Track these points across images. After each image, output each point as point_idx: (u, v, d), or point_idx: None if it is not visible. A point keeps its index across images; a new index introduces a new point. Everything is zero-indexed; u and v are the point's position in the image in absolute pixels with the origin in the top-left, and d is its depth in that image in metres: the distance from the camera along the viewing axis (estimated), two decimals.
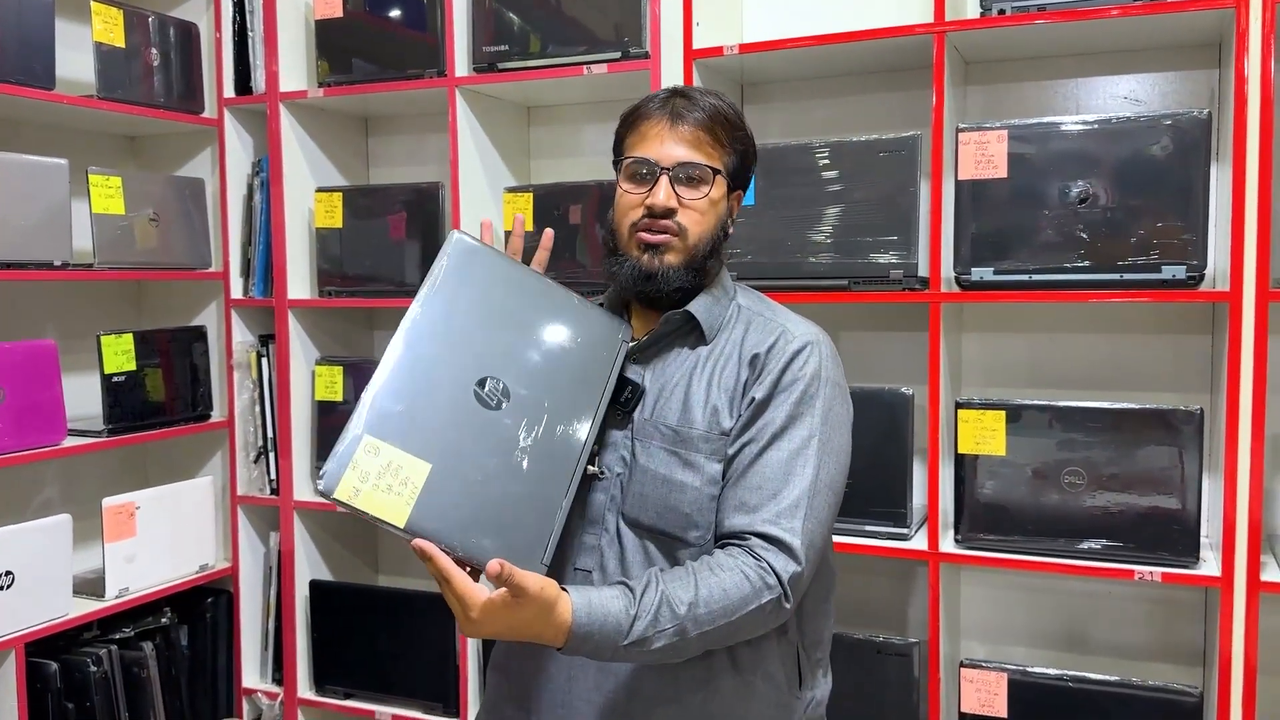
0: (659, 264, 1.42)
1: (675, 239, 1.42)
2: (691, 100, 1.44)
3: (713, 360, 1.44)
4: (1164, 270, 1.95)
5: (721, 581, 1.29)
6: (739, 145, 1.46)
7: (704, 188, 1.42)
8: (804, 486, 1.34)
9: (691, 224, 1.42)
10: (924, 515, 2.24)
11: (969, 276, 2.07)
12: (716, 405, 1.40)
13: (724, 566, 1.30)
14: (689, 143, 1.42)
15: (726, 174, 1.45)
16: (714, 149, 1.44)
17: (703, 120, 1.42)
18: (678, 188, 1.41)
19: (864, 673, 2.21)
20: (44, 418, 2.39)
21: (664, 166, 1.41)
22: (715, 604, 1.27)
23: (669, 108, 1.43)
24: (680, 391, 1.42)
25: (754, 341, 1.43)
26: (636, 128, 1.46)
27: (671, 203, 1.41)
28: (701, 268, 1.45)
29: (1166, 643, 2.28)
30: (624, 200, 1.45)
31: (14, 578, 2.27)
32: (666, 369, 1.45)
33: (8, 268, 2.30)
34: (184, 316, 2.93)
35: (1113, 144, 1.97)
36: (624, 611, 1.25)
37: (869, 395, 2.19)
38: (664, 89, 1.48)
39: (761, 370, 1.40)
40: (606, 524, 1.42)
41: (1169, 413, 1.97)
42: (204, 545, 2.76)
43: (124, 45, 2.58)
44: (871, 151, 2.13)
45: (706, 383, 1.42)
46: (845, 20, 2.35)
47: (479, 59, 2.48)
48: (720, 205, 1.46)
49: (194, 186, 2.79)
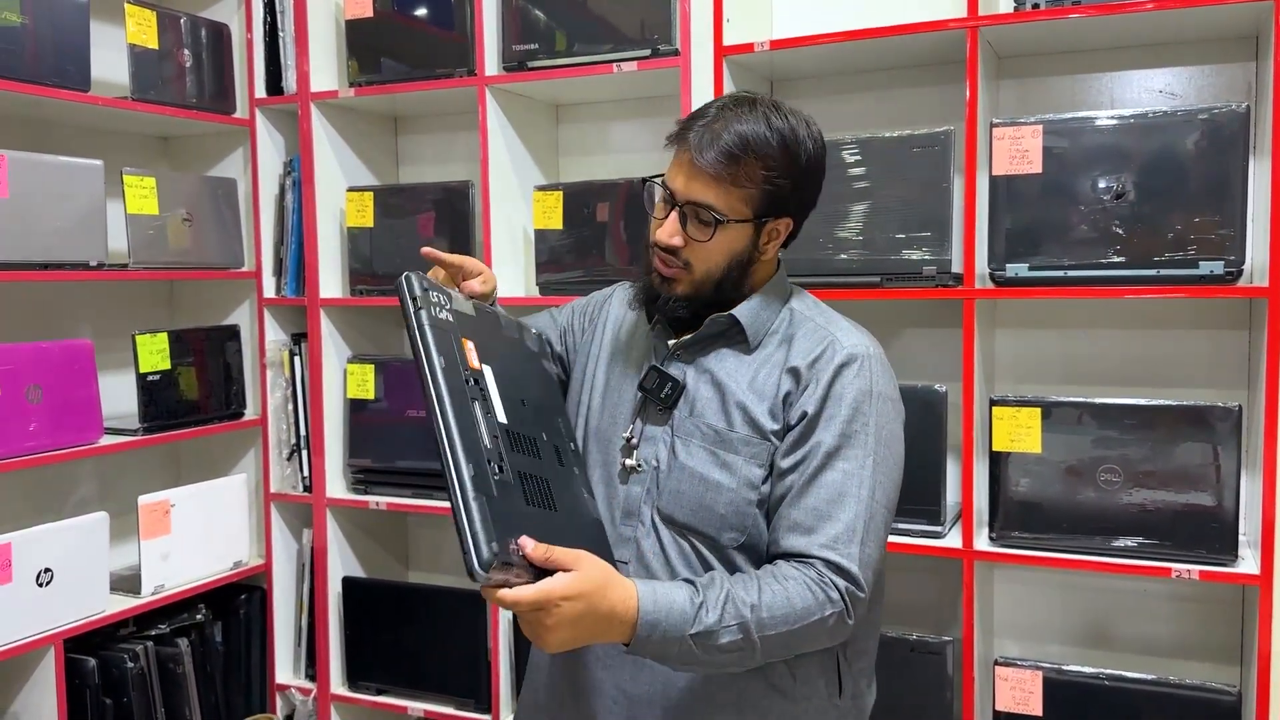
0: (666, 291, 1.42)
1: (682, 273, 1.40)
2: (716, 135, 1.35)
3: (755, 364, 1.42)
4: (1201, 266, 1.93)
5: (786, 589, 1.27)
6: (778, 178, 1.37)
7: (707, 230, 1.37)
8: (861, 510, 1.32)
9: (698, 260, 1.39)
10: (958, 513, 2.23)
11: (1003, 273, 2.06)
12: (754, 409, 1.39)
13: (788, 576, 1.29)
14: (706, 179, 1.35)
15: (752, 211, 1.38)
16: (728, 190, 1.35)
17: (718, 160, 1.34)
18: (688, 225, 1.38)
19: (898, 671, 2.20)
20: (80, 416, 2.42)
21: (679, 201, 1.38)
22: (778, 610, 1.25)
23: (700, 134, 1.36)
24: (719, 392, 1.42)
25: (800, 350, 1.40)
26: (682, 137, 1.40)
27: (673, 241, 1.38)
28: (712, 297, 1.42)
29: (1203, 641, 2.26)
30: (651, 219, 1.44)
31: (53, 575, 2.29)
32: (709, 367, 1.44)
33: (45, 268, 2.33)
34: (217, 316, 2.95)
35: (1148, 138, 1.96)
36: (689, 601, 1.23)
37: (902, 393, 2.16)
38: (725, 97, 1.41)
39: (807, 383, 1.37)
40: (643, 516, 1.42)
41: (1206, 409, 1.95)
42: (238, 542, 2.78)
43: (157, 46, 2.60)
44: (904, 147, 2.12)
45: (746, 385, 1.41)
46: (876, 16, 2.34)
47: (508, 58, 2.48)
48: (739, 239, 1.39)
49: (226, 186, 2.81)
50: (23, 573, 2.23)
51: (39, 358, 2.33)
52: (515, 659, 2.59)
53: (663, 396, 1.43)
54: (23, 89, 2.28)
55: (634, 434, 1.45)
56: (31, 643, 2.26)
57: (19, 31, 2.26)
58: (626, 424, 1.47)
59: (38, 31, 2.30)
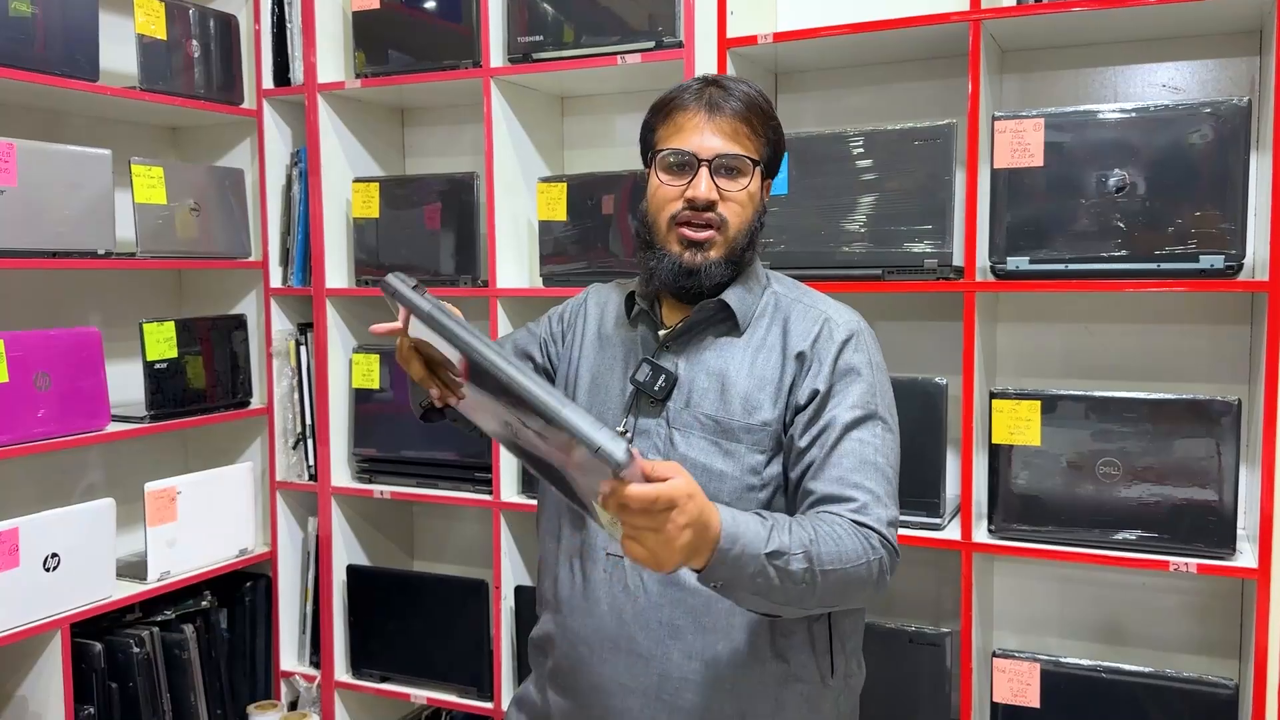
0: (701, 259, 1.41)
1: (717, 233, 1.42)
2: (727, 90, 1.43)
3: (751, 349, 1.44)
4: (1202, 260, 1.94)
5: (835, 531, 1.27)
6: (773, 135, 1.47)
7: (743, 179, 1.42)
8: (880, 477, 1.35)
9: (732, 216, 1.42)
10: (957, 505, 2.24)
11: (1004, 266, 2.07)
12: (755, 396, 1.41)
13: (834, 521, 1.29)
14: (726, 134, 1.41)
15: (763, 164, 1.45)
16: (750, 139, 1.43)
17: (740, 111, 1.41)
18: (717, 179, 1.41)
19: (896, 663, 2.21)
20: (88, 403, 2.44)
21: (703, 158, 1.40)
22: (833, 548, 1.25)
23: (704, 98, 1.42)
24: (717, 381, 1.43)
25: (798, 333, 1.43)
26: (671, 118, 1.44)
27: (713, 195, 1.40)
28: (740, 260, 1.45)
29: (1201, 635, 2.27)
30: (662, 192, 1.44)
31: (60, 560, 2.31)
32: (702, 357, 1.45)
33: (53, 256, 2.35)
34: (224, 305, 2.97)
35: (1151, 132, 1.96)
36: (760, 523, 1.21)
37: (902, 385, 2.17)
38: (697, 78, 1.47)
39: (812, 363, 1.40)
40: None
41: (1206, 403, 1.95)
42: (243, 530, 2.80)
43: (165, 37, 2.62)
44: (906, 140, 2.13)
45: (745, 373, 1.43)
46: (879, 8, 2.35)
47: (514, 49, 2.49)
48: (757, 196, 1.46)
49: (234, 177, 2.83)
50: (30, 558, 2.25)
51: (47, 345, 2.35)
52: (517, 647, 2.61)
53: (657, 389, 1.44)
54: (32, 79, 2.30)
55: (627, 428, 1.46)
56: (38, 627, 2.28)
57: (29, 22, 2.28)
58: (618, 419, 1.48)
59: (47, 21, 2.32)
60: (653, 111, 1.49)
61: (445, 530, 3.07)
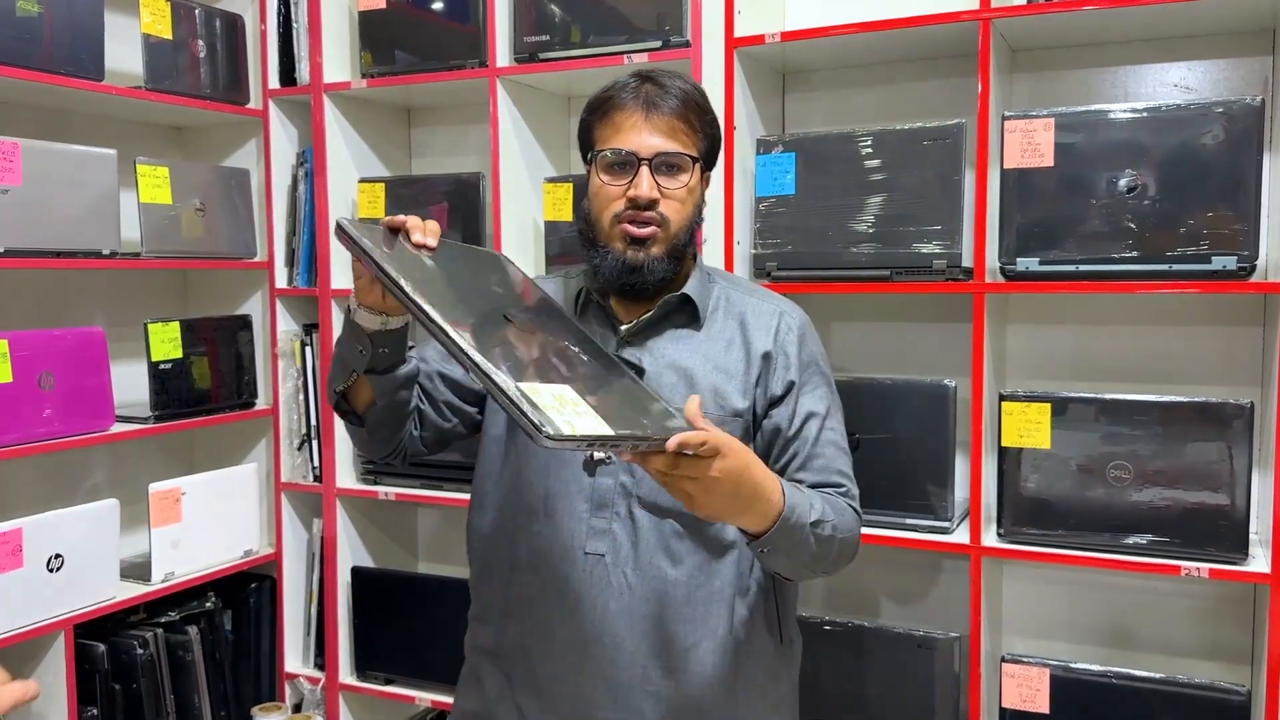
0: (644, 257, 1.44)
1: (659, 230, 1.45)
2: (664, 87, 1.45)
3: (711, 341, 1.48)
4: (1214, 261, 1.92)
5: (840, 504, 1.43)
6: (710, 129, 1.50)
7: (683, 176, 1.45)
8: (849, 461, 1.51)
9: (673, 213, 1.45)
10: (966, 509, 2.22)
11: (1014, 267, 2.05)
12: (722, 387, 1.46)
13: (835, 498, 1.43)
14: (665, 132, 1.43)
15: (701, 159, 1.47)
16: (689, 136, 1.46)
17: (677, 108, 1.44)
18: (658, 177, 1.43)
19: (904, 667, 2.20)
20: (92, 404, 2.43)
21: (644, 157, 1.43)
22: (843, 520, 1.41)
23: (641, 96, 1.44)
24: (683, 375, 1.46)
25: (759, 329, 1.50)
26: (609, 117, 1.46)
27: (655, 194, 1.43)
28: (681, 255, 1.48)
29: (1213, 640, 2.25)
30: (604, 192, 1.46)
31: (64, 561, 2.31)
32: (664, 351, 1.48)
33: (58, 256, 2.34)
34: (229, 305, 2.97)
35: (1162, 132, 1.94)
36: (799, 492, 1.35)
37: (911, 387, 2.17)
38: (631, 75, 1.48)
39: (779, 357, 1.49)
40: (617, 508, 1.44)
41: (1218, 406, 1.93)
42: (248, 531, 2.80)
43: (171, 37, 2.61)
44: (915, 140, 2.11)
45: (709, 366, 1.46)
46: (888, 7, 2.33)
47: (520, 49, 2.48)
48: (696, 191, 1.49)
49: (239, 177, 2.83)
50: (34, 558, 2.25)
51: (52, 345, 2.34)
52: None
53: None
54: (38, 78, 2.30)
55: None
56: (42, 628, 2.27)
57: (35, 21, 2.28)
58: None
59: (54, 21, 2.31)
60: (589, 110, 1.50)
61: (450, 532, 3.06)
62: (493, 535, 1.56)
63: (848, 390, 2.20)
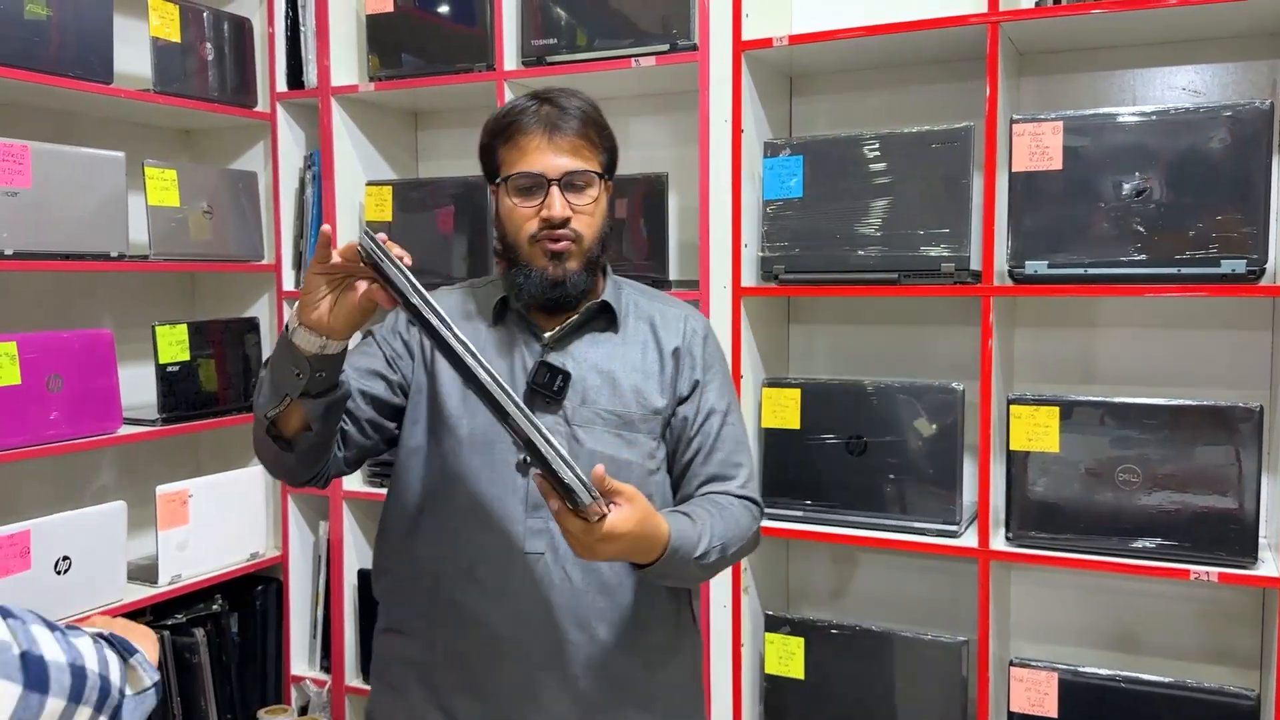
0: (563, 272, 1.51)
1: (574, 245, 1.52)
2: (563, 109, 1.51)
3: (628, 345, 1.58)
4: (1223, 264, 1.91)
5: (735, 514, 1.53)
6: (608, 143, 1.57)
7: (591, 191, 1.52)
8: (748, 453, 1.62)
9: (585, 228, 1.52)
10: (974, 512, 2.22)
11: (1022, 270, 2.05)
12: (643, 387, 1.55)
13: (731, 504, 1.55)
14: (569, 151, 1.50)
15: (604, 173, 1.55)
16: (591, 152, 1.53)
17: (579, 128, 1.51)
18: (567, 195, 1.50)
19: (912, 670, 2.19)
20: (100, 406, 2.43)
21: (552, 178, 1.49)
22: (735, 530, 1.51)
23: (542, 118, 1.50)
24: (606, 378, 1.54)
25: (669, 333, 1.60)
26: (513, 141, 1.52)
27: (567, 213, 1.49)
28: (595, 265, 1.56)
29: (1222, 645, 2.24)
30: (517, 214, 1.52)
31: (71, 563, 2.31)
32: (585, 355, 1.55)
33: (66, 258, 2.35)
34: (236, 308, 2.97)
35: (1170, 135, 1.94)
36: (691, 526, 1.43)
37: (919, 390, 2.17)
38: (527, 96, 1.54)
39: (685, 357, 1.59)
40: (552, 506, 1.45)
41: (1227, 410, 1.93)
42: (255, 534, 2.80)
43: (179, 40, 2.62)
44: (923, 143, 2.11)
45: (630, 367, 1.56)
46: (896, 11, 2.33)
47: (528, 52, 2.49)
48: (603, 203, 1.55)
49: (247, 179, 2.83)
50: (41, 560, 2.25)
51: (60, 347, 2.34)
52: None
53: (556, 389, 1.52)
54: (47, 80, 2.30)
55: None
56: None
57: (44, 24, 2.28)
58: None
59: (62, 24, 2.32)
60: (491, 134, 1.56)
61: None
62: (417, 546, 1.56)
63: (855, 394, 2.21)
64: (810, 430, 2.25)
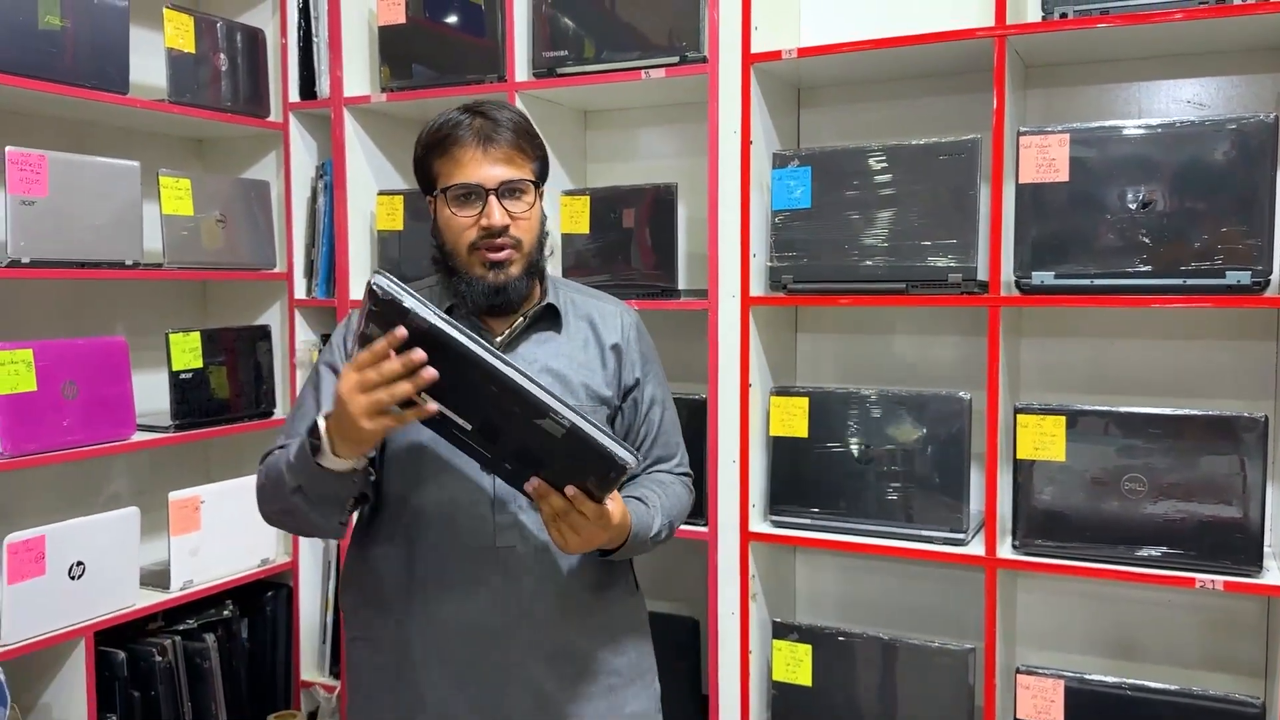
0: (505, 278, 1.57)
1: (515, 251, 1.58)
2: (495, 121, 1.57)
3: (570, 342, 1.66)
4: (1228, 275, 1.93)
5: (676, 491, 1.69)
6: (539, 151, 1.63)
7: (527, 198, 1.58)
8: (680, 434, 1.76)
9: (524, 233, 1.58)
10: (981, 520, 2.23)
11: (1029, 280, 2.07)
12: (591, 381, 1.64)
13: (672, 481, 1.70)
14: (504, 161, 1.56)
15: (538, 179, 1.61)
16: (524, 161, 1.59)
17: (511, 139, 1.57)
18: (505, 203, 1.55)
19: (919, 677, 2.21)
20: (114, 412, 2.46)
21: (489, 188, 1.54)
22: (677, 507, 1.67)
23: (475, 130, 1.55)
24: (555, 377, 1.61)
25: (607, 329, 1.69)
26: (449, 153, 1.57)
27: (506, 220, 1.55)
28: (535, 269, 1.62)
29: (1227, 653, 2.25)
30: (455, 223, 1.57)
31: (85, 568, 2.33)
32: (534, 355, 1.62)
33: (82, 266, 2.37)
34: (248, 315, 3.00)
35: (1176, 148, 1.96)
36: (646, 511, 1.57)
37: (926, 399, 2.19)
38: (459, 110, 1.59)
39: (626, 351, 1.69)
40: (520, 500, 1.55)
41: (1232, 419, 1.95)
42: (265, 540, 2.82)
43: (194, 51, 2.65)
44: (931, 155, 2.13)
45: (575, 363, 1.64)
46: (901, 23, 2.36)
47: (539, 64, 2.51)
48: (538, 209, 1.61)
49: (259, 189, 2.86)
50: (56, 565, 2.27)
51: (75, 354, 2.37)
52: None
53: None
54: (64, 91, 2.33)
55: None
56: (63, 635, 2.30)
57: (58, 34, 2.31)
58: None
59: (79, 35, 2.35)
60: (426, 148, 1.60)
61: None
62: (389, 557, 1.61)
63: (862, 403, 2.22)
64: (818, 439, 2.27)
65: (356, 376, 1.32)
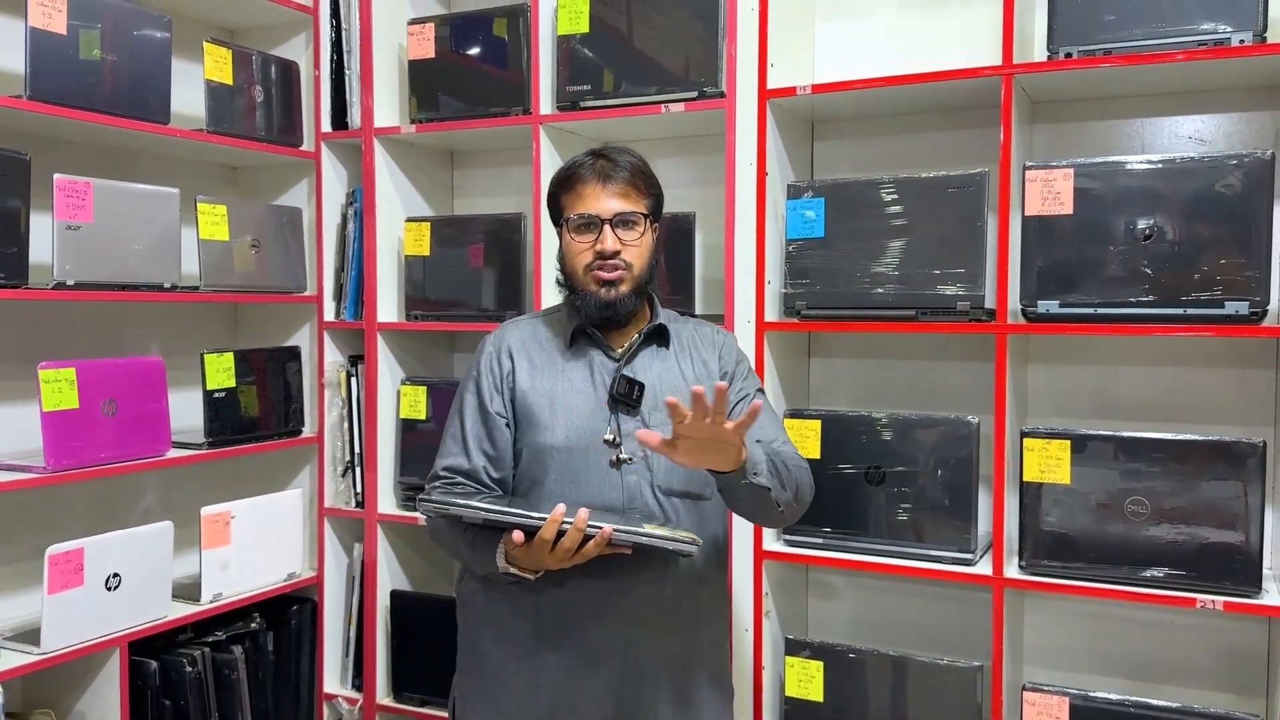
0: (615, 294, 1.81)
1: (625, 272, 1.81)
2: (614, 162, 1.82)
3: (677, 360, 1.88)
4: (1227, 305, 1.99)
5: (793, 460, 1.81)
6: (654, 190, 1.88)
7: (638, 229, 1.83)
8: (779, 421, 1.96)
9: (634, 258, 1.82)
10: (989, 541, 2.29)
11: (1035, 309, 2.13)
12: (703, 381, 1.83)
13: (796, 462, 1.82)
14: (620, 196, 1.81)
15: (650, 215, 1.85)
16: (638, 197, 1.83)
17: (627, 177, 1.82)
18: (618, 232, 1.80)
19: (928, 693, 2.26)
20: (150, 430, 2.53)
21: (604, 218, 1.80)
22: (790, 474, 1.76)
23: (596, 170, 1.81)
24: (670, 385, 1.84)
25: (704, 346, 1.93)
26: (573, 189, 1.83)
27: (617, 245, 1.80)
28: (644, 290, 1.86)
29: (1229, 672, 2.30)
30: (574, 248, 1.83)
31: (120, 580, 2.40)
32: (650, 368, 1.86)
33: (123, 289, 2.46)
34: (279, 337, 3.08)
35: (1177, 183, 2.02)
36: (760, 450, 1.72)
37: (936, 423, 2.25)
38: (586, 153, 1.82)
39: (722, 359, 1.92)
40: (645, 497, 1.79)
41: (1232, 444, 2.00)
42: (292, 554, 2.89)
43: (231, 83, 2.74)
44: (940, 187, 2.21)
45: (686, 377, 1.86)
46: (912, 61, 2.43)
47: (562, 98, 2.60)
48: (650, 239, 1.86)
49: (292, 215, 2.95)
50: (94, 577, 2.34)
51: (115, 373, 2.45)
52: None
53: (635, 397, 1.82)
54: (109, 121, 2.42)
55: (615, 434, 1.80)
56: (99, 644, 2.37)
57: (98, 65, 2.39)
58: (604, 428, 1.81)
59: (117, 66, 2.43)
60: (556, 185, 1.87)
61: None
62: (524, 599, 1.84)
63: (874, 426, 2.29)
64: (830, 460, 2.33)
65: (554, 560, 1.66)
